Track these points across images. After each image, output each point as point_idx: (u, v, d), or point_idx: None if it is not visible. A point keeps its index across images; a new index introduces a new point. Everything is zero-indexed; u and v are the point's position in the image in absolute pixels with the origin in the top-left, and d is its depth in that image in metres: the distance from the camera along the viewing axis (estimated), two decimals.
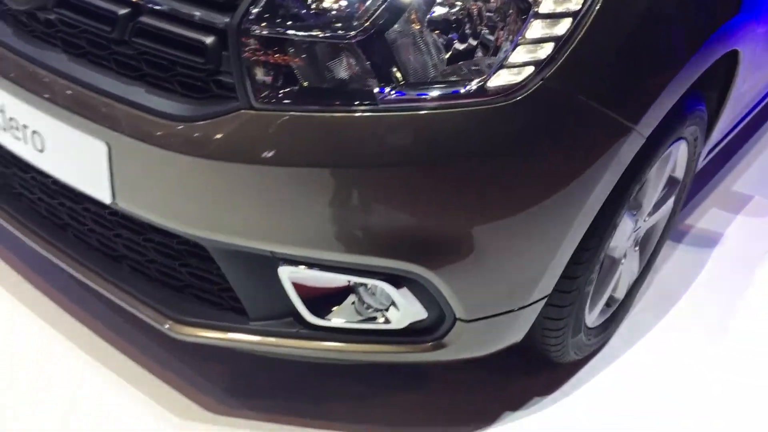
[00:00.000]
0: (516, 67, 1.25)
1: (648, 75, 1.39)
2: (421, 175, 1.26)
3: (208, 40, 1.25)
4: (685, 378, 1.89)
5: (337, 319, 1.43)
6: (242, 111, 1.25)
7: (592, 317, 1.76)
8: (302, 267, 1.36)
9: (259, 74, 1.24)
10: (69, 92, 1.37)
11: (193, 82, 1.29)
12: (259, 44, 1.23)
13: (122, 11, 1.31)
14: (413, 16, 1.23)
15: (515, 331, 1.54)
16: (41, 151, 1.46)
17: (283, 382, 1.75)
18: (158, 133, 1.29)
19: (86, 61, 1.39)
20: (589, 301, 1.67)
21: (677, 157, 1.80)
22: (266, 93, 1.24)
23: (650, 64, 1.39)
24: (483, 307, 1.43)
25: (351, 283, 1.41)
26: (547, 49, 1.25)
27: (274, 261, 1.37)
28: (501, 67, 1.25)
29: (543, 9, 1.25)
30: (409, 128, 1.24)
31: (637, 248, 1.89)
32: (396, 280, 1.36)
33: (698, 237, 2.39)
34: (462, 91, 1.23)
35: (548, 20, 1.25)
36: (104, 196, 1.41)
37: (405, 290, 1.37)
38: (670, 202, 1.90)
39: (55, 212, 1.61)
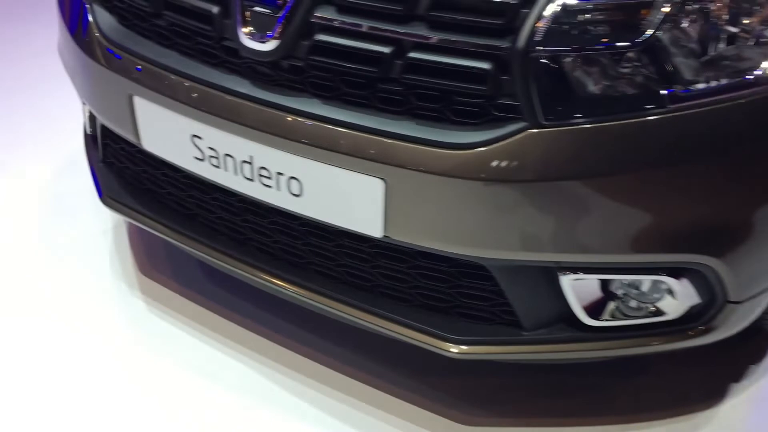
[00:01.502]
0: None
1: None
2: (714, 167, 1.30)
3: (489, 66, 1.27)
4: None
5: (611, 319, 1.47)
6: (530, 130, 1.28)
7: None
8: (582, 273, 1.40)
9: (547, 92, 1.26)
10: (330, 135, 1.39)
11: (467, 109, 1.32)
12: (547, 63, 1.26)
13: (387, 50, 1.34)
14: (677, 12, 1.26)
15: (760, 308, 1.58)
16: (298, 195, 1.48)
17: (512, 386, 1.80)
18: (442, 163, 1.31)
19: (341, 102, 1.41)
20: None
21: None
22: (554, 109, 1.27)
23: None
24: (751, 288, 1.47)
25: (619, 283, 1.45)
26: None
27: (556, 271, 1.41)
28: None
29: None
30: (701, 123, 1.27)
31: None
32: (676, 272, 1.40)
33: None
34: (745, 80, 1.27)
35: None
36: (374, 231, 1.43)
37: (684, 280, 1.41)
38: None
39: (296, 252, 1.63)
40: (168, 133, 1.61)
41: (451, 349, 1.49)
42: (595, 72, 1.26)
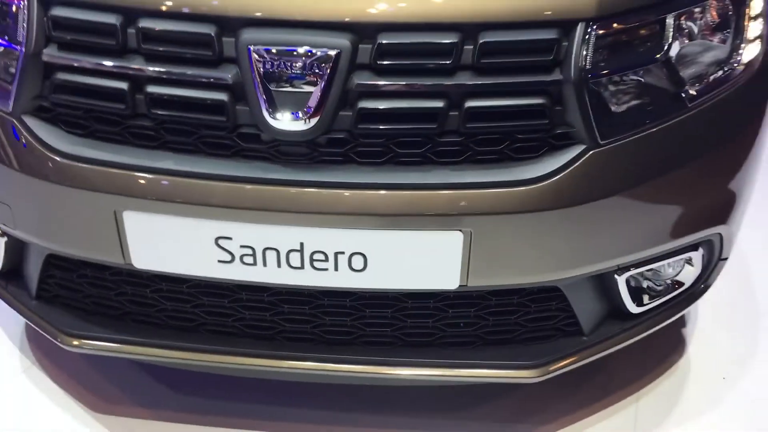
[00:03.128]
0: None
1: None
2: (723, 148, 1.52)
3: (545, 100, 1.34)
4: None
5: (649, 302, 1.62)
6: (592, 152, 1.37)
7: None
8: (633, 269, 1.53)
9: (600, 113, 1.37)
10: (395, 200, 1.35)
11: (527, 145, 1.37)
12: (595, 88, 1.36)
13: (442, 104, 1.33)
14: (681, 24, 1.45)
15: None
16: (361, 270, 1.40)
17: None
18: (520, 201, 1.35)
19: (395, 165, 1.37)
20: None
21: None
22: (608, 128, 1.38)
23: None
24: (732, 245, 1.72)
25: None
26: None
27: (613, 273, 1.52)
28: None
29: None
30: (712, 113, 1.47)
31: None
32: (697, 244, 1.60)
33: None
34: (736, 71, 1.51)
35: None
36: (450, 283, 1.42)
37: (701, 250, 1.61)
38: None
39: (344, 329, 1.54)
40: (176, 243, 1.42)
41: (533, 375, 1.53)
42: (633, 88, 1.40)
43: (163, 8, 1.33)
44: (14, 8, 1.43)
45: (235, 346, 1.56)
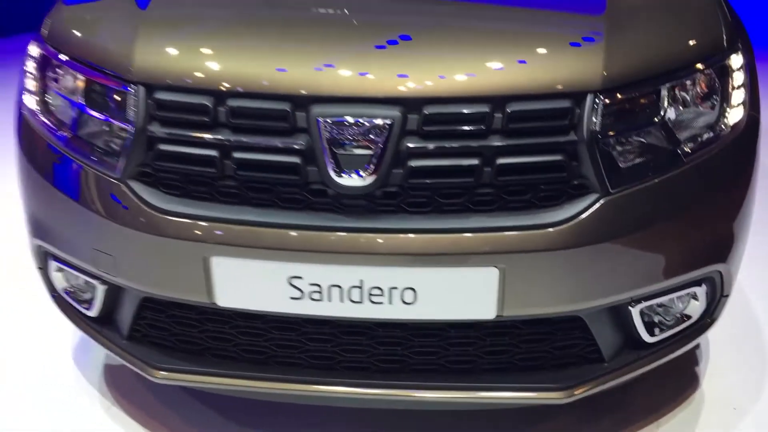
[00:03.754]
0: None
1: None
2: (718, 194, 1.78)
3: (563, 157, 1.62)
4: None
5: (660, 333, 1.85)
6: (604, 199, 1.64)
7: None
8: (645, 302, 1.77)
9: (610, 167, 1.65)
10: (441, 242, 1.62)
11: (549, 194, 1.64)
12: (605, 147, 1.65)
13: (478, 161, 1.61)
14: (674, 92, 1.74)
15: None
16: (411, 303, 1.65)
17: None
18: (547, 241, 1.61)
19: (439, 213, 1.64)
20: None
21: None
22: (617, 179, 1.65)
23: None
24: (732, 285, 1.94)
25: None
26: None
27: (627, 305, 1.76)
28: None
29: None
30: (704, 167, 1.74)
31: None
32: (700, 281, 1.83)
33: None
34: (722, 131, 1.78)
35: None
36: (488, 314, 1.67)
37: (704, 286, 1.85)
38: None
39: (395, 358, 1.78)
40: (255, 283, 1.69)
41: (561, 397, 1.75)
42: (636, 146, 1.69)
43: (248, 90, 1.65)
44: (125, 94, 1.75)
45: (302, 376, 1.80)
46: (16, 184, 2.03)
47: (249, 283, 1.70)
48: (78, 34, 1.93)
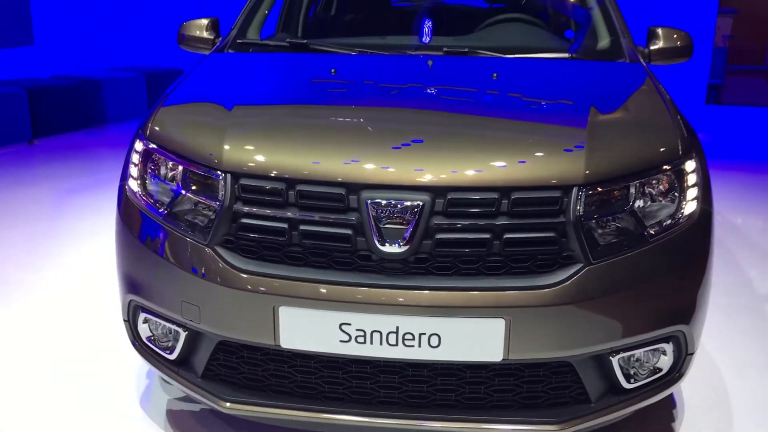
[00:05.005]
0: None
1: None
2: (680, 268, 2.23)
3: (555, 234, 2.10)
4: None
5: (637, 381, 2.27)
6: (587, 267, 2.11)
7: None
8: (622, 353, 2.20)
9: (593, 244, 2.13)
10: (461, 298, 2.08)
11: (544, 262, 2.11)
12: (589, 226, 2.13)
13: (489, 236, 2.09)
14: (642, 187, 2.23)
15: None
16: (436, 347, 2.10)
17: None
18: (544, 299, 2.08)
19: (459, 275, 2.10)
20: None
21: None
22: (597, 252, 2.13)
23: None
24: (696, 344, 2.38)
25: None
26: None
27: (608, 355, 2.19)
28: None
29: None
30: (666, 246, 2.20)
31: None
32: (667, 339, 2.27)
33: None
34: (680, 218, 2.25)
35: None
36: (496, 357, 2.11)
37: (671, 343, 2.29)
38: None
39: (422, 393, 2.19)
40: (313, 328, 2.14)
41: (557, 430, 2.16)
42: (612, 228, 2.18)
43: (314, 178, 2.15)
44: (215, 180, 2.26)
45: (346, 408, 2.22)
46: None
47: (308, 328, 2.15)
48: (176, 132, 2.47)
